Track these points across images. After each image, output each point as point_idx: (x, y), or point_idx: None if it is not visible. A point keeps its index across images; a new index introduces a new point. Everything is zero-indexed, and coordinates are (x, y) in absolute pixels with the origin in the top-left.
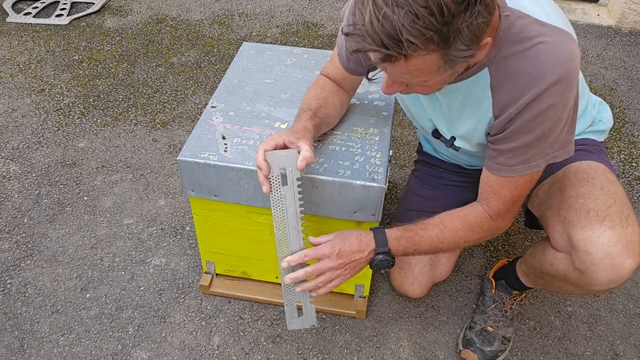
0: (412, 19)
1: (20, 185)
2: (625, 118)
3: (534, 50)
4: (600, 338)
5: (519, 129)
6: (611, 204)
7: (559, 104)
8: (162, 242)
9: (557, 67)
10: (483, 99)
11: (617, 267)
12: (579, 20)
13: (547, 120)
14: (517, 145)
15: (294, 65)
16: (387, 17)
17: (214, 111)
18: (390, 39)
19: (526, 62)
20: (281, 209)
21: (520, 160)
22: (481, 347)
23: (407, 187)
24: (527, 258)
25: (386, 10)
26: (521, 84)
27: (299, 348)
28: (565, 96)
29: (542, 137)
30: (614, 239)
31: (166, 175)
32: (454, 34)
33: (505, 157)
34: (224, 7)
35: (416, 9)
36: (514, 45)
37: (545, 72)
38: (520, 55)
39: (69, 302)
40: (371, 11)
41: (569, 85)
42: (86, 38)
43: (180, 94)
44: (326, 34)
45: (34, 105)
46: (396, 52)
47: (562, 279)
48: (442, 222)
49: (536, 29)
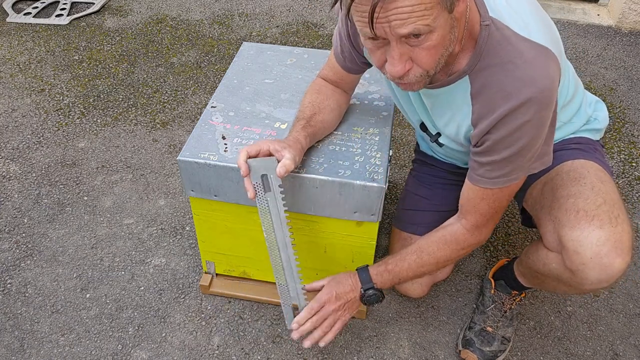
0: None
1: (20, 185)
2: (625, 118)
3: (510, 65)
4: (600, 338)
5: (496, 144)
6: (601, 204)
7: (533, 121)
8: (162, 242)
9: (532, 85)
10: (463, 105)
11: (606, 267)
12: (579, 20)
13: (523, 136)
14: (495, 159)
15: (294, 65)
16: None
17: (214, 111)
18: None
19: (502, 76)
20: (266, 214)
21: (500, 174)
22: (481, 347)
23: (406, 186)
24: (523, 258)
25: None
26: (496, 97)
27: (299, 348)
28: (540, 114)
29: (519, 152)
30: (603, 238)
31: (166, 175)
32: None
33: (485, 169)
34: (224, 7)
35: None
36: (492, 57)
37: (520, 89)
38: (498, 68)
39: (69, 302)
40: None
41: (543, 104)
42: (86, 38)
43: (180, 94)
44: (326, 34)
45: (34, 105)
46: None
47: (555, 278)
48: (419, 248)
49: (515, 44)
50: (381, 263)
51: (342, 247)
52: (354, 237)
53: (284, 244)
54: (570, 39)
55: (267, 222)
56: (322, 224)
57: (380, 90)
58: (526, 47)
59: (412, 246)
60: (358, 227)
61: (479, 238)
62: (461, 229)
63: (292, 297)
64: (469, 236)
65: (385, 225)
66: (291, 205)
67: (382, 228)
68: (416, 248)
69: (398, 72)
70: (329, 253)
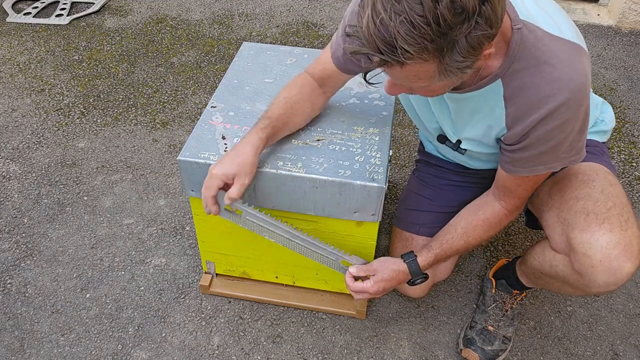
0: (408, 27)
1: (20, 185)
2: (625, 118)
3: (547, 67)
4: (600, 338)
5: (534, 142)
6: (611, 207)
7: (571, 119)
8: (162, 242)
9: (570, 84)
10: (495, 108)
11: (616, 270)
12: (579, 20)
13: (561, 132)
14: (532, 154)
15: (294, 65)
16: (383, 23)
17: (214, 111)
18: (386, 44)
19: (538, 78)
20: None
21: (537, 163)
22: (482, 346)
23: (408, 186)
24: (527, 258)
25: (384, 16)
26: (533, 99)
27: (299, 348)
28: (577, 111)
29: (556, 145)
30: (613, 242)
31: (166, 175)
32: (450, 45)
33: (520, 162)
34: (224, 7)
35: (413, 17)
36: (526, 59)
37: (558, 89)
38: (533, 70)
39: (69, 302)
40: (369, 15)
41: (581, 101)
42: (86, 38)
43: (180, 94)
44: (326, 34)
45: (34, 105)
46: (390, 58)
47: (561, 280)
48: (465, 233)
49: (548, 44)
50: (430, 253)
51: (342, 247)
52: (354, 237)
53: (292, 235)
54: None
55: (266, 232)
56: (322, 224)
57: (380, 90)
58: (559, 46)
59: (454, 232)
60: (358, 227)
61: (516, 215)
62: (503, 211)
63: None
64: (511, 216)
65: (385, 225)
66: (291, 205)
67: (382, 228)
68: (462, 233)
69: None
70: None
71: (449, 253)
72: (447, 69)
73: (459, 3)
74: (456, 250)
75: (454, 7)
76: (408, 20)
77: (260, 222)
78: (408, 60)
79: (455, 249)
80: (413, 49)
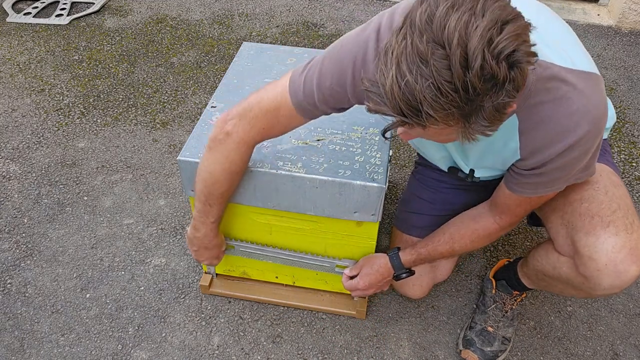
0: (435, 93)
1: (20, 185)
2: (625, 118)
3: (564, 100)
4: (600, 338)
5: (551, 171)
6: (616, 209)
7: (590, 148)
8: (162, 242)
9: (589, 118)
10: (509, 141)
11: (621, 274)
12: (579, 20)
13: (579, 161)
14: (545, 180)
15: (294, 65)
16: (409, 86)
17: (214, 111)
18: (410, 108)
19: (557, 112)
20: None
21: (546, 186)
22: (481, 347)
23: (408, 188)
24: (529, 260)
25: (409, 78)
26: (552, 133)
27: (299, 348)
28: (596, 140)
29: (572, 172)
30: (619, 245)
31: (166, 175)
32: (476, 111)
33: (529, 184)
34: (224, 7)
35: (440, 82)
36: (543, 94)
37: (577, 123)
38: (551, 104)
39: (69, 302)
40: (394, 76)
41: (599, 130)
42: (86, 38)
43: (180, 94)
44: (326, 34)
45: (34, 105)
46: (414, 121)
47: (565, 282)
48: (451, 239)
49: (565, 78)
50: (413, 251)
51: (342, 247)
52: (354, 237)
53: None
54: None
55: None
56: (322, 224)
57: None
58: (575, 78)
59: (442, 236)
60: (358, 227)
61: (508, 230)
62: (495, 226)
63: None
64: (502, 231)
65: (385, 225)
66: (291, 205)
67: (382, 228)
68: (448, 239)
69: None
70: (329, 253)
71: (433, 255)
72: (470, 132)
73: (488, 70)
74: (440, 254)
75: (484, 75)
76: (435, 85)
77: (252, 250)
78: (432, 125)
79: (439, 252)
80: (439, 114)
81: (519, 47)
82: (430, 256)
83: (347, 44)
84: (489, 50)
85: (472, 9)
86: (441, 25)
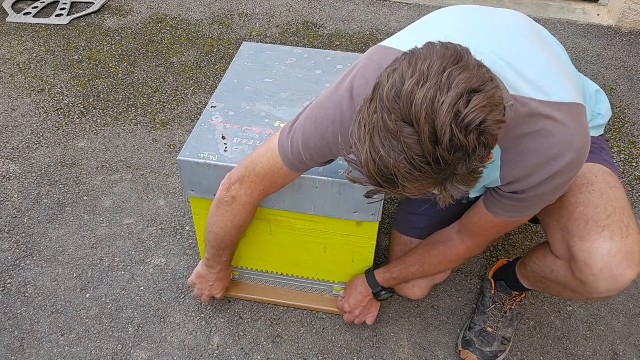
0: (408, 167)
1: (20, 185)
2: (625, 118)
3: (545, 133)
4: (600, 338)
5: (530, 198)
6: (611, 213)
7: (572, 177)
8: (162, 242)
9: (571, 149)
10: (492, 170)
11: (617, 278)
12: (579, 20)
13: (559, 189)
14: (523, 205)
15: (294, 65)
16: (383, 160)
17: (214, 111)
18: (386, 180)
19: (538, 143)
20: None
21: (521, 212)
22: (481, 348)
23: None
24: (527, 262)
25: (383, 153)
26: (532, 163)
27: (299, 348)
28: (578, 169)
29: (550, 199)
30: (614, 250)
31: (166, 175)
32: (450, 178)
33: (506, 208)
34: (224, 7)
35: (412, 157)
36: (523, 127)
37: (559, 153)
38: (532, 135)
39: (69, 302)
40: (368, 151)
41: (581, 160)
42: (86, 38)
43: (180, 94)
44: (326, 34)
45: (34, 105)
46: (392, 191)
47: (562, 285)
48: (421, 259)
49: (544, 112)
50: (387, 270)
51: (342, 247)
52: (354, 237)
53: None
54: (570, 39)
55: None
56: (322, 224)
57: None
58: (555, 111)
59: (414, 256)
60: (358, 227)
61: (478, 253)
62: (463, 248)
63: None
64: (471, 253)
65: (385, 225)
66: (291, 205)
67: (382, 228)
68: (418, 259)
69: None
70: (329, 253)
71: (405, 275)
72: (447, 196)
73: (457, 143)
74: (412, 274)
75: (454, 147)
76: (408, 160)
77: (255, 276)
78: (409, 194)
79: (410, 272)
80: (414, 185)
81: (487, 117)
82: (403, 276)
83: (324, 106)
84: (457, 125)
85: (437, 83)
86: (408, 102)
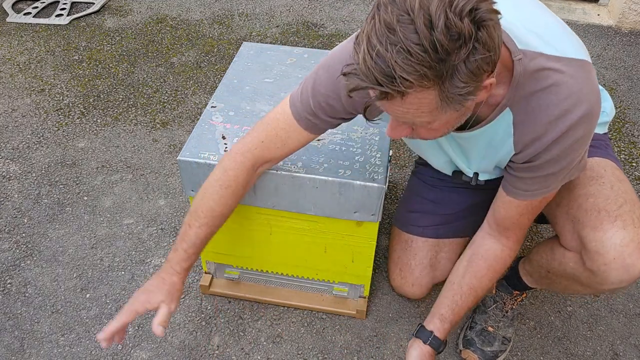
0: (405, 55)
1: (20, 185)
2: (625, 118)
3: (555, 87)
4: (600, 338)
5: (545, 163)
6: (622, 204)
7: (585, 136)
8: (162, 242)
9: (583, 102)
10: (506, 137)
11: (629, 267)
12: (579, 20)
13: (573, 152)
14: (540, 174)
15: (294, 65)
16: (380, 55)
17: (214, 111)
18: (384, 75)
19: (547, 100)
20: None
21: (542, 186)
22: (481, 347)
23: (409, 187)
24: (533, 257)
25: (379, 48)
26: (544, 121)
27: (299, 348)
28: (590, 127)
29: (566, 166)
30: (627, 239)
31: (166, 175)
32: (449, 71)
33: (526, 183)
34: (224, 7)
35: (409, 45)
36: (532, 84)
37: (569, 109)
38: (541, 93)
39: (69, 302)
40: (365, 50)
41: (593, 118)
42: (86, 38)
43: (180, 94)
44: (326, 34)
45: (34, 105)
46: (390, 89)
47: (571, 278)
48: (472, 288)
49: (553, 66)
50: (444, 322)
51: (342, 247)
52: (354, 237)
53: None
54: None
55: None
56: (322, 224)
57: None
58: (564, 65)
59: (461, 289)
60: (358, 227)
61: (518, 249)
62: (507, 251)
63: None
64: (514, 254)
65: (385, 225)
66: (291, 205)
67: (382, 228)
68: (469, 290)
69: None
70: (329, 253)
71: (462, 314)
72: (448, 97)
73: (454, 29)
74: (468, 309)
75: (450, 33)
76: (405, 49)
77: (255, 276)
78: (408, 89)
79: (467, 307)
80: (412, 76)
81: (479, 4)
82: (461, 316)
83: (337, 53)
84: (451, 10)
85: None
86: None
